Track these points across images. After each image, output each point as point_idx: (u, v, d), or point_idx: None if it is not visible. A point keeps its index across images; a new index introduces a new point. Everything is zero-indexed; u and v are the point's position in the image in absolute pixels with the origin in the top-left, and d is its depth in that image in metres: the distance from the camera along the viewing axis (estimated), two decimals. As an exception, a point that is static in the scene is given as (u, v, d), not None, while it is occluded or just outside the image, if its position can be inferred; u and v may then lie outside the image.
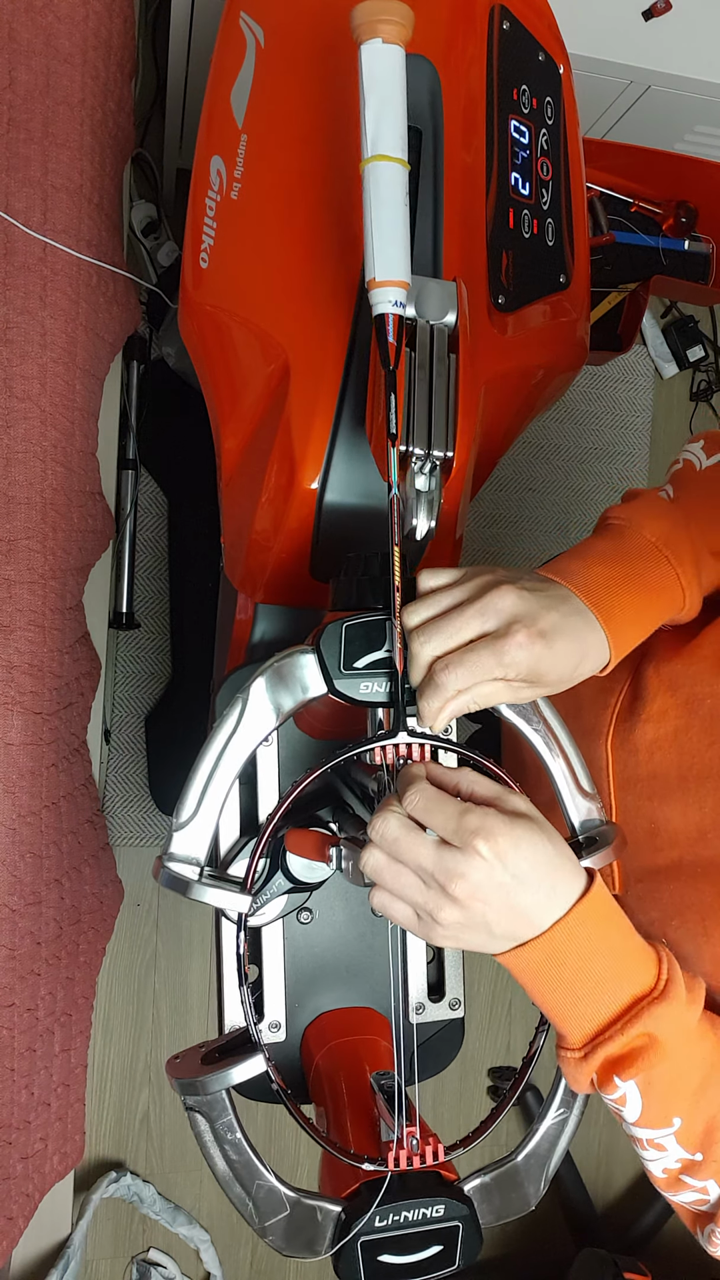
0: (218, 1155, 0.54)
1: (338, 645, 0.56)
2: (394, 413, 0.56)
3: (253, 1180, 0.55)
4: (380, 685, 0.57)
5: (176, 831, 0.55)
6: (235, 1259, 1.49)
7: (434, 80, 0.75)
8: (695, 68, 1.23)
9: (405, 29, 0.56)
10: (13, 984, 0.97)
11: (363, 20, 0.56)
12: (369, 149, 0.57)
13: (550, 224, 0.81)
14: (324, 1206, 0.56)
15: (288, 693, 0.57)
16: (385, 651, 0.56)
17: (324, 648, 0.56)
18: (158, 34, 1.48)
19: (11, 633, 0.94)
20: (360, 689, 0.56)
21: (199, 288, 0.75)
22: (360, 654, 0.56)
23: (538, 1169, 0.59)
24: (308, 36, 0.75)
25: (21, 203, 0.95)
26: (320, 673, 0.57)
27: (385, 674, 0.57)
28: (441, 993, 0.75)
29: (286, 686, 0.57)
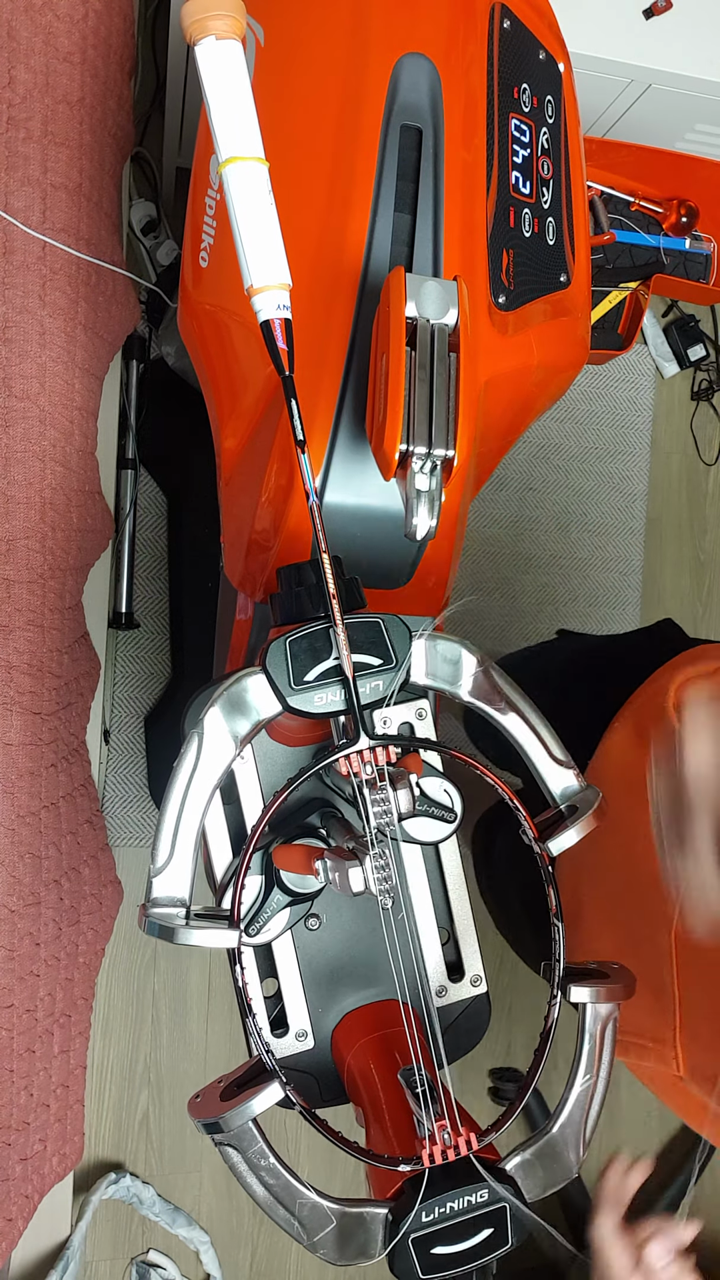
0: (255, 1183, 0.55)
1: (284, 662, 0.56)
2: (297, 419, 0.55)
3: (294, 1200, 0.55)
4: (335, 694, 0.56)
5: (155, 877, 0.54)
6: (235, 1260, 1.49)
7: (434, 79, 0.75)
8: (696, 66, 1.23)
9: (238, 21, 0.52)
10: (12, 985, 0.97)
11: (191, 20, 0.52)
12: (221, 153, 0.54)
13: (551, 223, 0.81)
14: (370, 1211, 0.56)
15: (243, 718, 0.56)
16: (334, 660, 0.56)
17: (271, 667, 0.56)
18: (157, 33, 1.48)
19: (11, 632, 0.94)
20: (315, 701, 0.56)
21: (198, 287, 0.75)
22: (309, 666, 0.56)
23: (574, 1136, 0.59)
24: (308, 35, 0.75)
25: (21, 201, 0.95)
26: (272, 692, 0.56)
27: (337, 682, 0.56)
28: (461, 971, 0.75)
29: (241, 712, 0.56)
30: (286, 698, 0.56)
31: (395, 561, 0.76)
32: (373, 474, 0.73)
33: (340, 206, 0.73)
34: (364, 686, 0.57)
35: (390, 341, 0.60)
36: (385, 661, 0.57)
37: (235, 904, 0.56)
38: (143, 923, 0.55)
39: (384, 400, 0.59)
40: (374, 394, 0.64)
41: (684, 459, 1.84)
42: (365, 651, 0.57)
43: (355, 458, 0.73)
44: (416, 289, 0.60)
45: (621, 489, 1.79)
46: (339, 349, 0.72)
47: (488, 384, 0.76)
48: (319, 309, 0.72)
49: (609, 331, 1.65)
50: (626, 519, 1.79)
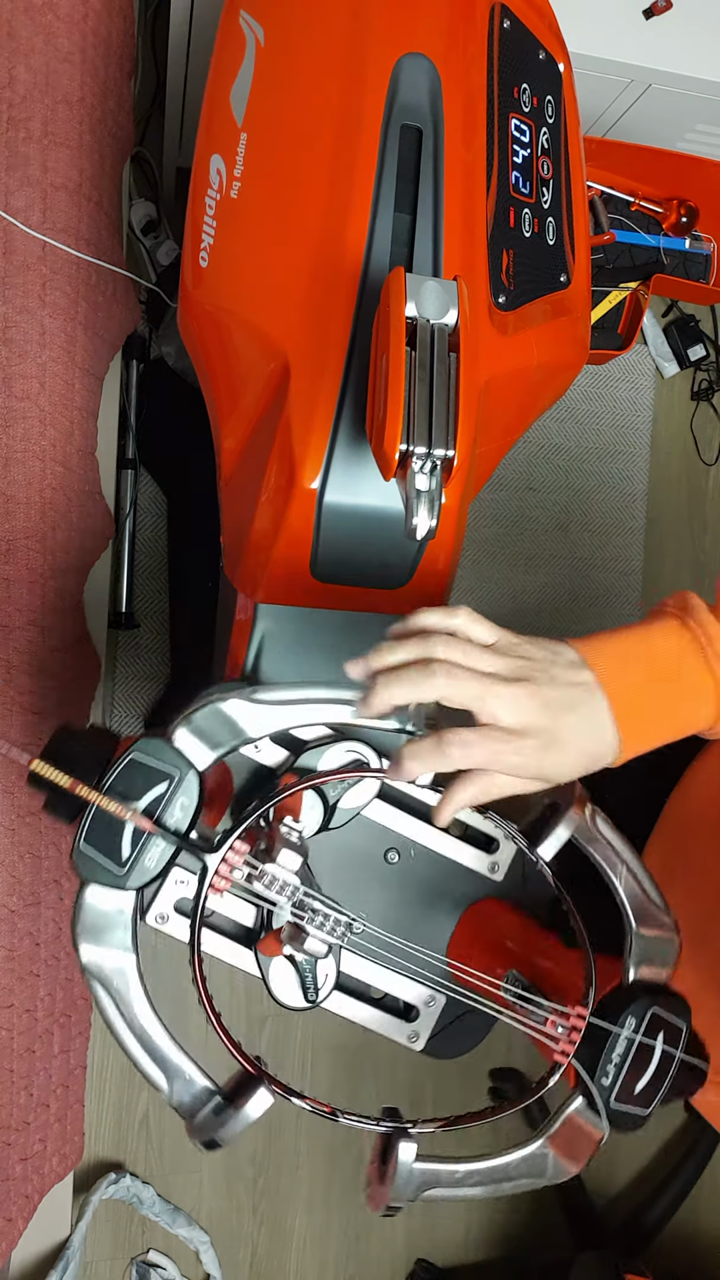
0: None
1: (94, 859, 0.54)
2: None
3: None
4: (159, 845, 0.55)
5: (173, 1104, 0.56)
6: (235, 1260, 1.49)
7: (434, 79, 0.75)
8: (696, 66, 1.23)
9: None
10: (12, 985, 0.97)
11: None
12: None
13: (551, 223, 0.81)
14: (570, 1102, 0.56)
15: (113, 932, 0.56)
16: (128, 826, 0.54)
17: (87, 873, 0.54)
18: (157, 33, 1.48)
19: (11, 632, 0.94)
20: (148, 866, 0.55)
21: (198, 287, 0.75)
22: (118, 844, 0.54)
23: (645, 907, 0.59)
24: (308, 35, 0.75)
25: (21, 201, 0.95)
26: (111, 891, 0.55)
27: (151, 836, 0.55)
28: (492, 840, 0.76)
29: (106, 930, 0.56)
30: (124, 885, 0.54)
31: (395, 561, 0.76)
32: (372, 474, 0.73)
33: (340, 206, 0.73)
34: (170, 816, 0.55)
35: (390, 342, 0.60)
36: (169, 779, 0.56)
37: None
38: (195, 1139, 0.55)
39: (384, 400, 0.59)
40: (374, 394, 0.64)
41: (684, 459, 1.84)
42: (146, 789, 0.55)
43: (355, 457, 0.73)
44: (416, 289, 0.60)
45: (621, 489, 1.78)
46: (339, 348, 0.72)
47: (488, 384, 0.76)
48: (318, 309, 0.72)
49: (609, 331, 1.65)
50: (626, 519, 1.79)
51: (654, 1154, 1.70)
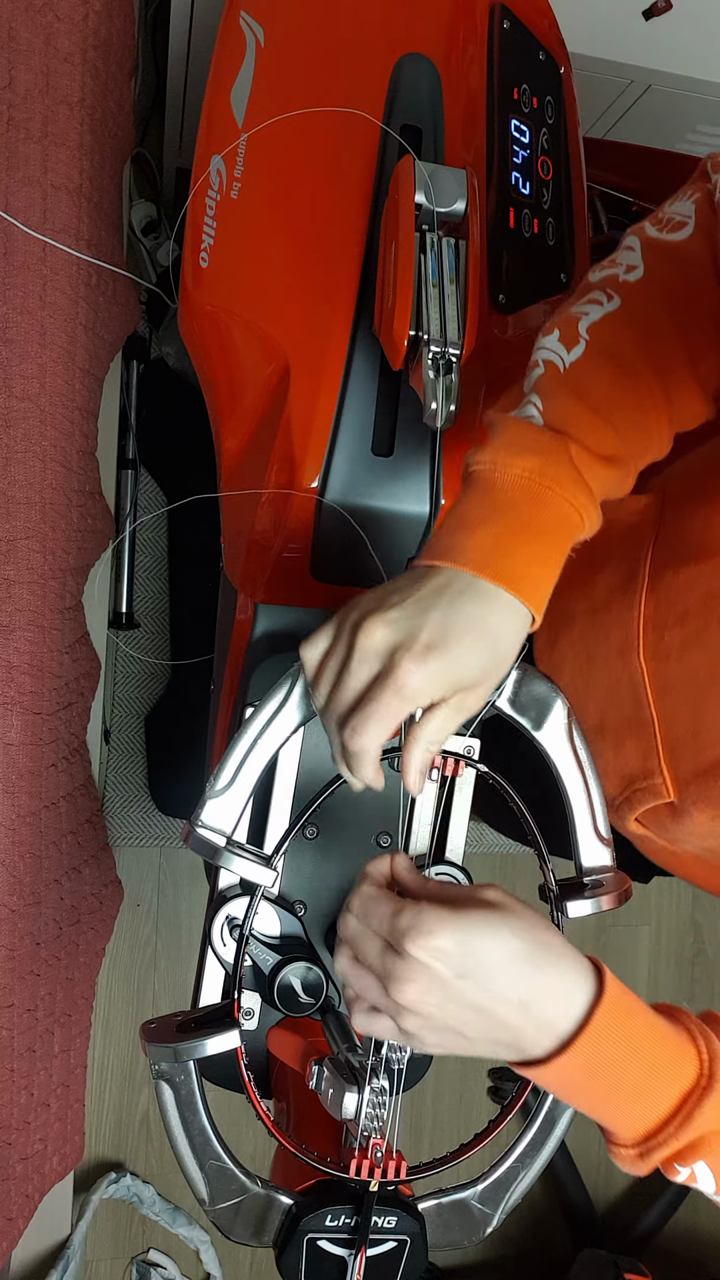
0: (178, 1128, 0.55)
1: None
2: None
3: (208, 1159, 0.55)
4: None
5: (211, 799, 0.56)
6: (235, 1260, 1.49)
7: (434, 79, 0.75)
8: (696, 67, 1.22)
9: None
10: (12, 984, 0.97)
11: None
12: None
13: (551, 223, 0.81)
14: (276, 1197, 0.56)
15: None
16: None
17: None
18: (158, 33, 1.48)
19: (11, 633, 0.94)
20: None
21: (199, 287, 0.75)
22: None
23: (494, 1202, 0.58)
24: (308, 36, 0.75)
25: (21, 202, 0.95)
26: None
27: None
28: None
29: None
30: None
31: (395, 561, 0.76)
32: (373, 474, 0.73)
33: (340, 207, 0.73)
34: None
35: (399, 228, 0.59)
36: None
37: (279, 848, 0.56)
38: (188, 837, 0.55)
39: (393, 288, 0.59)
40: (383, 284, 0.64)
41: (684, 459, 1.84)
42: None
43: (355, 457, 0.73)
44: (426, 177, 0.60)
45: (621, 489, 1.79)
46: (339, 348, 0.72)
47: (488, 384, 0.76)
48: (319, 309, 0.72)
49: (609, 332, 1.65)
50: (626, 519, 1.79)
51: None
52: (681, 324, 0.54)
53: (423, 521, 0.75)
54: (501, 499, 0.51)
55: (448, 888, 0.48)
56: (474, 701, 0.51)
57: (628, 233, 0.57)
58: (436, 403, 0.56)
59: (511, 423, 0.53)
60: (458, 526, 0.52)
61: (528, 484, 0.51)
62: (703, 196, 0.54)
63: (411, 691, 0.48)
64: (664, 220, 0.55)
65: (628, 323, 0.54)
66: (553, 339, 0.55)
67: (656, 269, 0.54)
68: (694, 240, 0.53)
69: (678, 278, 0.54)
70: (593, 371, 0.53)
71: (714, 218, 0.53)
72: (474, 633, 0.49)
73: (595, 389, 0.53)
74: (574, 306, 0.56)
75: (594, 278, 0.56)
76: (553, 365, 0.53)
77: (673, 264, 0.54)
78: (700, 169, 0.57)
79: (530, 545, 0.51)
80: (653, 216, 0.57)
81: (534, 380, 0.54)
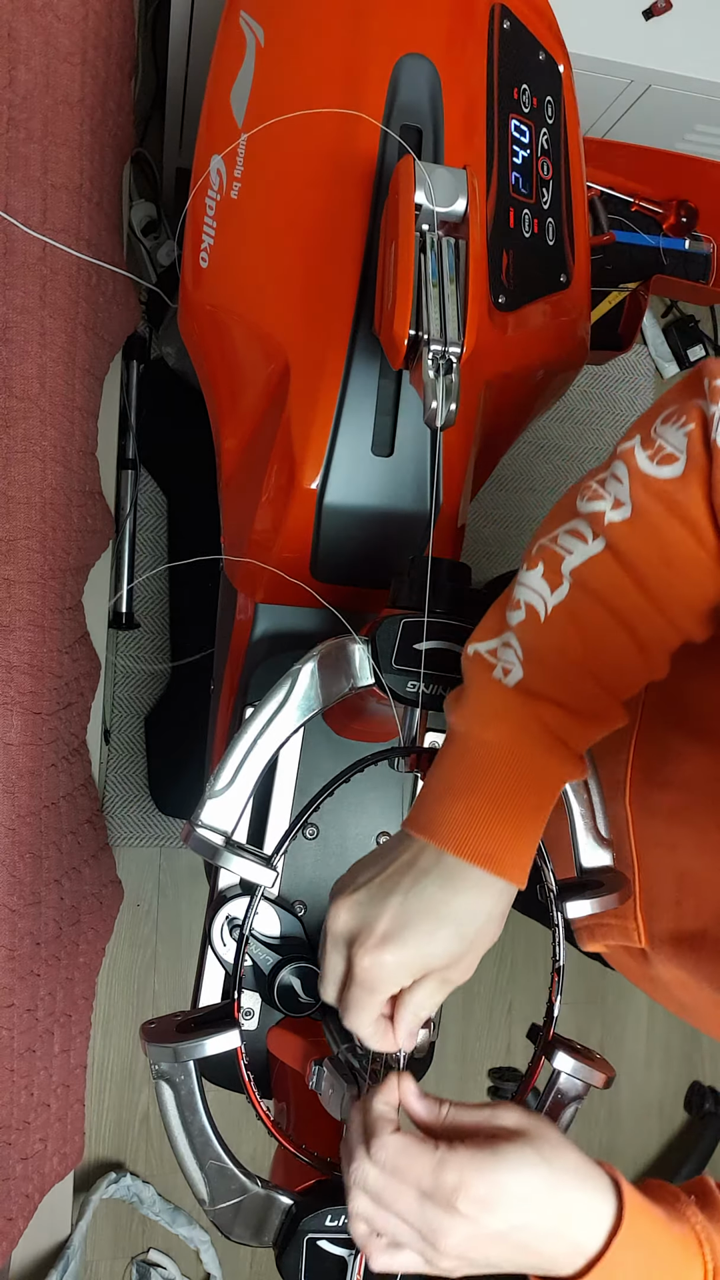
0: (178, 1128, 0.55)
1: (392, 639, 0.57)
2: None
3: (208, 1159, 0.55)
4: (426, 685, 0.57)
5: (211, 799, 0.56)
6: (235, 1260, 1.49)
7: (434, 79, 0.75)
8: (696, 67, 1.22)
9: None
10: (12, 984, 0.97)
11: None
12: None
13: (550, 223, 0.81)
14: (276, 1197, 0.56)
15: (336, 679, 0.58)
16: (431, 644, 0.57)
17: (378, 639, 0.57)
18: (158, 33, 1.48)
19: (11, 633, 0.94)
20: (407, 686, 0.57)
21: (199, 287, 0.75)
22: (414, 652, 0.57)
23: None
24: (308, 35, 0.75)
25: (21, 202, 0.95)
26: (370, 664, 0.57)
27: (433, 676, 0.57)
28: None
29: (336, 673, 0.58)
30: (382, 672, 0.56)
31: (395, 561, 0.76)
32: (373, 474, 0.73)
33: (340, 207, 0.73)
34: (445, 690, 0.57)
35: (399, 228, 0.59)
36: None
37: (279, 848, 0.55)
38: (188, 837, 0.56)
39: (393, 288, 0.59)
40: (382, 283, 0.64)
41: (684, 459, 1.84)
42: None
43: (355, 457, 0.73)
44: (425, 177, 0.60)
45: (621, 489, 1.79)
46: (339, 348, 0.72)
47: (488, 384, 0.76)
48: (319, 310, 0.72)
49: (608, 332, 1.65)
50: (626, 519, 1.79)
51: (655, 1154, 1.70)
52: (664, 584, 0.49)
53: (423, 521, 0.75)
54: (476, 767, 0.50)
55: (465, 1117, 0.47)
56: (458, 975, 0.50)
57: (619, 452, 0.50)
58: (437, 402, 0.57)
59: (485, 685, 0.51)
60: (436, 796, 0.51)
61: (501, 753, 0.50)
62: (696, 430, 0.47)
63: (373, 983, 0.48)
64: (655, 448, 0.48)
65: (611, 572, 0.49)
66: (535, 576, 0.51)
67: (643, 511, 0.48)
68: (684, 483, 0.47)
69: (665, 527, 0.48)
70: (572, 627, 0.50)
71: (707, 460, 0.46)
72: (433, 919, 0.48)
73: (572, 647, 0.50)
74: (559, 536, 0.51)
75: (582, 506, 0.50)
76: (533, 611, 0.50)
77: (661, 507, 0.48)
78: (695, 379, 0.49)
79: (505, 819, 0.49)
80: (644, 433, 0.50)
81: (514, 622, 0.51)
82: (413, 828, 0.51)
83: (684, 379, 0.51)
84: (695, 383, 0.49)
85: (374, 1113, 0.47)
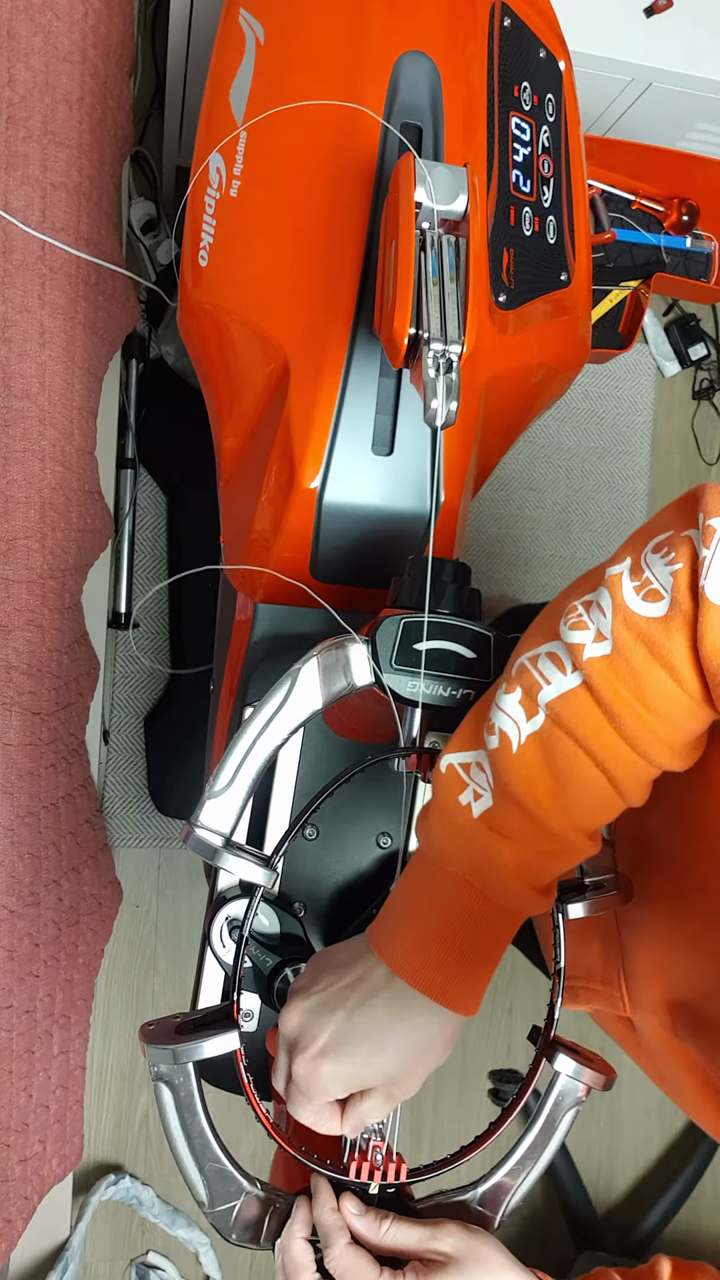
0: (177, 1130, 0.55)
1: (392, 639, 0.57)
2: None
3: (207, 1161, 0.55)
4: (426, 686, 0.57)
5: (210, 799, 0.56)
6: (235, 1262, 1.49)
7: (434, 77, 0.75)
8: (697, 65, 1.22)
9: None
10: (11, 986, 0.96)
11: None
12: None
13: (551, 221, 0.81)
14: (276, 1200, 0.55)
15: (336, 679, 0.58)
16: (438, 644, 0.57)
17: (378, 639, 0.57)
18: (157, 32, 1.48)
19: (10, 633, 0.94)
20: (408, 686, 0.57)
21: (198, 286, 0.75)
22: (414, 653, 0.57)
23: (494, 1204, 0.58)
24: (308, 34, 0.75)
25: (20, 201, 0.95)
26: (370, 664, 0.57)
27: (433, 676, 0.57)
28: None
29: (336, 673, 0.58)
30: (382, 672, 0.57)
31: (396, 561, 0.76)
32: (372, 474, 0.73)
33: (340, 206, 0.73)
34: (445, 689, 0.57)
35: (399, 226, 0.59)
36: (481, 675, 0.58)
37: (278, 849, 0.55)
38: (187, 837, 0.56)
39: (393, 286, 0.58)
40: (382, 282, 0.64)
41: (685, 458, 1.84)
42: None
43: (355, 457, 0.72)
44: (426, 175, 0.59)
45: (622, 488, 1.78)
46: (339, 348, 0.71)
47: (488, 383, 0.75)
48: (319, 309, 0.72)
49: (609, 330, 1.65)
50: (627, 518, 1.78)
51: (655, 1156, 1.70)
52: (641, 724, 0.47)
53: (423, 521, 0.75)
54: (437, 897, 0.50)
55: (404, 1238, 0.50)
56: (402, 1092, 0.50)
57: (607, 578, 0.47)
58: (437, 401, 0.56)
59: (452, 809, 0.51)
60: (396, 913, 0.51)
61: (464, 890, 0.50)
62: (684, 572, 0.44)
63: (307, 1089, 0.49)
64: (642, 580, 0.46)
65: (586, 709, 0.48)
66: (512, 701, 0.49)
67: (623, 649, 0.46)
68: (667, 626, 0.45)
69: (644, 669, 0.46)
70: (544, 761, 0.49)
71: (693, 606, 0.44)
72: (374, 1042, 0.49)
73: (542, 783, 0.49)
74: (540, 659, 0.49)
75: (564, 633, 0.48)
76: (506, 739, 0.49)
77: (642, 649, 0.46)
78: (690, 504, 0.47)
79: (460, 956, 0.50)
80: (635, 559, 0.47)
81: (489, 746, 0.50)
82: (372, 939, 0.51)
83: (681, 499, 0.48)
84: (690, 509, 0.47)
85: (325, 1222, 0.50)
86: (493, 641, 0.58)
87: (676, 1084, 0.63)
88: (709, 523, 0.44)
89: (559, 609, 0.50)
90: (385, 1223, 0.51)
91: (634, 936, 0.64)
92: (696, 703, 0.46)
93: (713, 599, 0.43)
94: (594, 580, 0.49)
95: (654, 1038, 0.63)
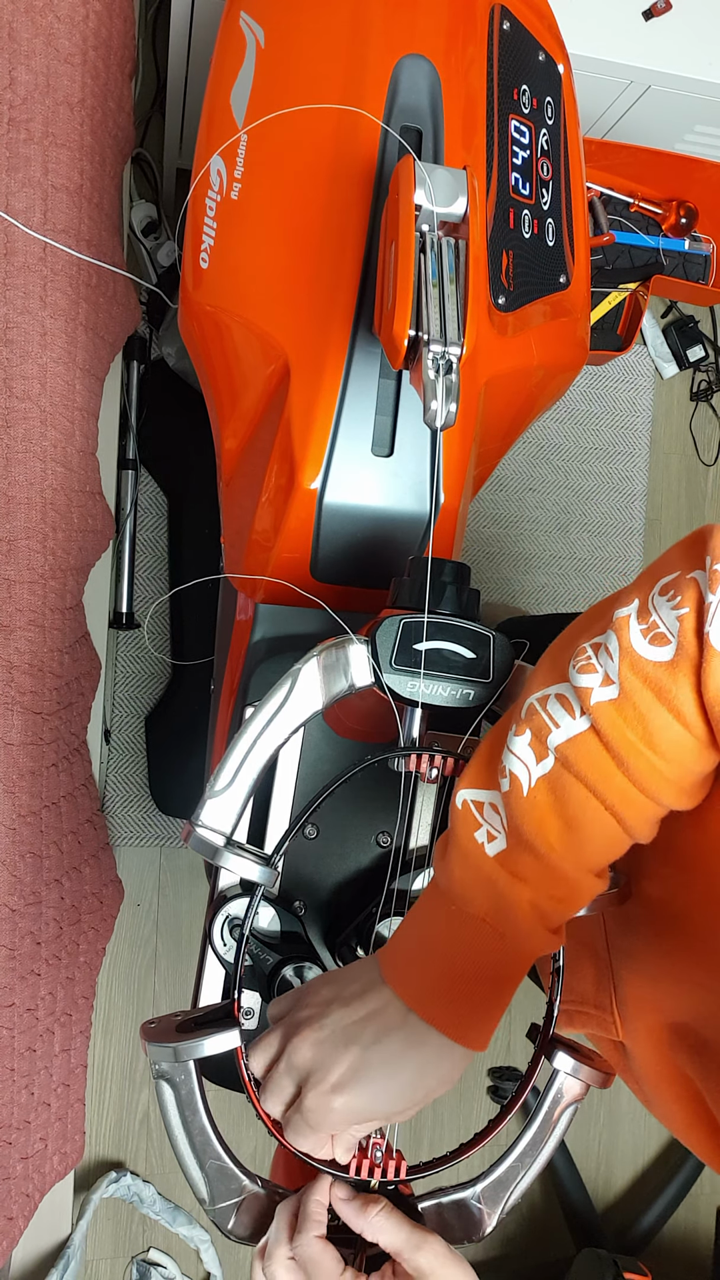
0: (179, 1127, 0.55)
1: (392, 639, 0.57)
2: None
3: (208, 1158, 0.55)
4: (426, 686, 0.57)
5: (211, 799, 0.56)
6: (235, 1259, 1.49)
7: (434, 80, 0.75)
8: (695, 68, 1.23)
9: None
10: (13, 984, 0.97)
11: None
12: None
13: (550, 224, 0.81)
14: (276, 1197, 0.56)
15: (336, 679, 0.58)
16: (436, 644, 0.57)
17: (378, 639, 0.57)
18: (158, 34, 1.48)
19: (11, 632, 0.94)
20: (407, 686, 0.57)
21: (199, 288, 0.75)
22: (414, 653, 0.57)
23: (495, 1200, 0.58)
24: (308, 36, 0.75)
25: (22, 203, 0.95)
26: (370, 664, 0.57)
27: (433, 676, 0.57)
28: None
29: (336, 673, 0.58)
30: (382, 672, 0.57)
31: (395, 561, 0.76)
32: (372, 475, 0.73)
33: (340, 208, 0.73)
34: (444, 689, 0.58)
35: (399, 228, 0.59)
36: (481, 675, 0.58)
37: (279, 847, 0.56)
38: (188, 836, 0.56)
39: (392, 288, 0.59)
40: (382, 284, 0.64)
41: (683, 459, 1.84)
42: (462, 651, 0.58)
43: (355, 458, 0.73)
44: (426, 177, 0.60)
45: (621, 489, 1.79)
46: (339, 349, 0.72)
47: (487, 384, 0.76)
48: (319, 310, 0.72)
49: (608, 332, 1.65)
50: (626, 519, 1.79)
51: (654, 1153, 1.70)
52: (648, 767, 0.47)
53: (422, 522, 0.75)
54: (458, 936, 0.51)
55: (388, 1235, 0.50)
56: (400, 1118, 0.51)
57: (615, 620, 0.48)
58: (437, 402, 0.57)
59: (469, 847, 0.51)
60: (413, 947, 0.52)
61: (483, 930, 0.50)
62: (690, 616, 0.45)
63: (317, 1123, 0.49)
64: (649, 623, 0.46)
65: (594, 753, 0.48)
66: (522, 744, 0.50)
67: (630, 694, 0.46)
68: (673, 671, 0.45)
69: (651, 713, 0.46)
70: (554, 804, 0.49)
71: (698, 651, 0.44)
72: (387, 1077, 0.49)
73: (552, 827, 0.49)
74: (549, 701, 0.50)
75: (573, 676, 0.48)
76: (517, 782, 0.49)
77: (649, 693, 0.46)
78: (698, 545, 0.47)
79: (477, 995, 0.50)
80: (642, 601, 0.47)
81: (502, 787, 0.51)
82: (387, 972, 0.51)
83: (688, 539, 0.48)
84: (698, 551, 0.47)
85: (306, 1210, 0.50)
86: (493, 641, 0.58)
87: (665, 1109, 0.63)
88: (715, 567, 0.44)
89: (569, 647, 0.50)
90: (375, 1208, 0.51)
91: (624, 963, 0.64)
92: (703, 745, 0.47)
93: (716, 646, 0.43)
94: (603, 619, 0.49)
95: (644, 1063, 0.63)
